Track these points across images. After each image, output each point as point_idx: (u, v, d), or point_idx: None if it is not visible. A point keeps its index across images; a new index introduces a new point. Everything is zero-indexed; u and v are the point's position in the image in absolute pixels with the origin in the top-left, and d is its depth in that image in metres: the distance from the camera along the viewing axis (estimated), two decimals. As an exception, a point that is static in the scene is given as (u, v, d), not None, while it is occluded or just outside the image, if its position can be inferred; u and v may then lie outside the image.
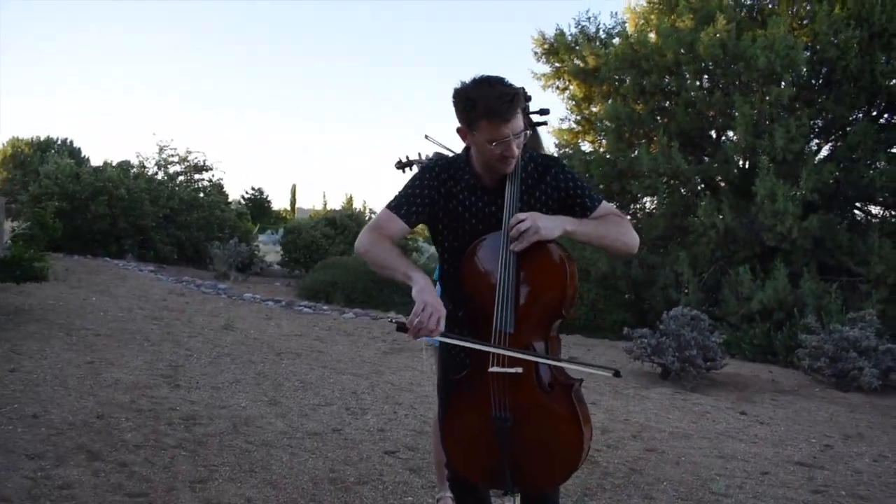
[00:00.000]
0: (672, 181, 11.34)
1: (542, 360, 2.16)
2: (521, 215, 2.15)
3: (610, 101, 12.11)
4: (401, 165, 3.21)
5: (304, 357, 6.89)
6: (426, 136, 2.39)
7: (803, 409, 6.57)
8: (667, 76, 11.14)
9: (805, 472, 4.48)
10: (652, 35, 11.92)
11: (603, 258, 11.15)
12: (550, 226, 2.16)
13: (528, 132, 2.37)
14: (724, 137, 11.54)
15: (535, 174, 2.32)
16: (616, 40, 12.75)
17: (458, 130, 2.23)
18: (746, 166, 11.06)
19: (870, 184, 10.06)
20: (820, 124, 11.04)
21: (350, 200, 31.28)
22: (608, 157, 12.04)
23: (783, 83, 9.67)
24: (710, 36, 10.05)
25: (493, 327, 2.17)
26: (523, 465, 2.19)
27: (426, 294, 2.07)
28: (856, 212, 11.44)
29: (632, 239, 2.33)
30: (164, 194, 15.18)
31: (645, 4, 13.22)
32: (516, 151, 2.15)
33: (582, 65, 13.02)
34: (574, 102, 14.02)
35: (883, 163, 10.16)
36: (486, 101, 2.08)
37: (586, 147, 13.60)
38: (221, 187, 18.47)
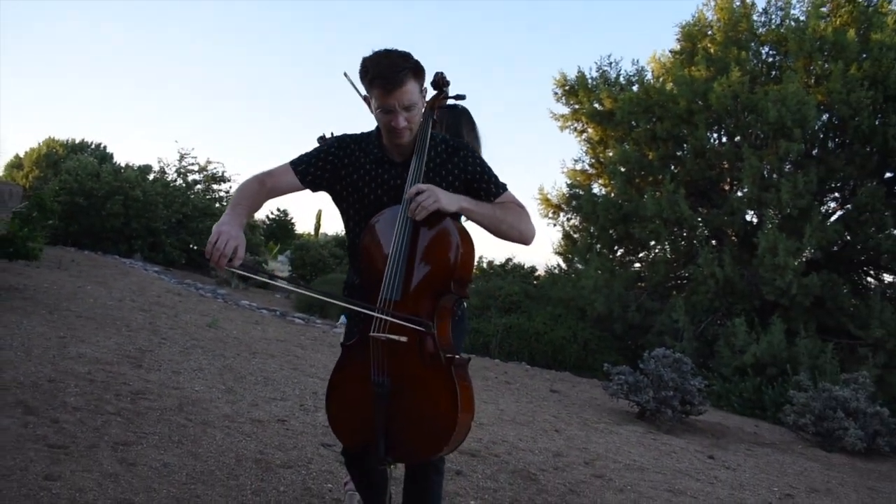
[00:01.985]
0: (676, 229, 11.30)
1: (419, 328, 2.17)
2: (423, 186, 2.20)
3: (622, 146, 12.18)
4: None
5: (277, 359, 6.91)
6: (345, 74, 2.43)
7: (776, 461, 6.41)
8: (679, 124, 11.18)
9: (753, 513, 4.37)
10: (670, 84, 12.01)
11: (600, 299, 11.10)
12: (448, 200, 2.20)
13: (433, 115, 2.43)
14: (734, 189, 11.51)
15: (445, 154, 2.37)
16: (635, 87, 12.86)
17: (364, 98, 2.30)
18: (755, 220, 11.01)
19: (876, 247, 9.94)
20: (832, 184, 10.97)
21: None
22: (616, 200, 12.05)
23: (794, 139, 9.62)
24: (724, 87, 10.10)
25: (380, 294, 2.20)
26: (396, 434, 2.20)
27: (222, 225, 2.09)
28: (863, 275, 11.29)
29: (528, 229, 2.37)
30: (178, 199, 15.46)
31: (669, 55, 13.38)
32: (402, 123, 2.21)
33: (599, 107, 13.14)
34: (589, 145, 14.13)
35: (892, 228, 10.03)
36: (376, 69, 2.17)
37: (598, 190, 13.65)
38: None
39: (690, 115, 10.97)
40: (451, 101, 2.53)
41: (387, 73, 2.15)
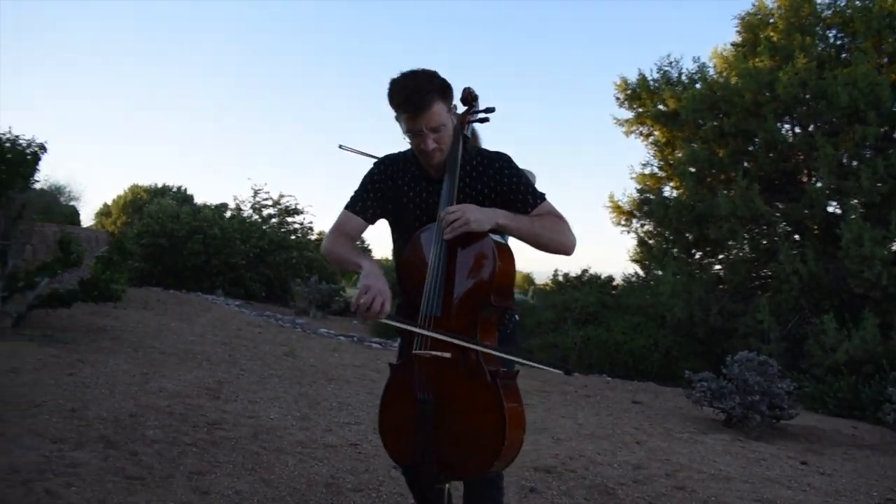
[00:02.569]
0: (753, 226, 10.91)
1: (464, 343, 2.15)
2: (453, 207, 2.19)
3: (690, 146, 11.89)
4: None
5: (353, 384, 6.99)
6: (340, 146, 2.45)
7: (877, 464, 6.04)
8: (747, 118, 10.82)
9: (849, 521, 4.12)
10: (734, 78, 11.66)
11: (679, 304, 10.80)
12: (482, 218, 2.18)
13: (465, 130, 2.40)
14: (812, 180, 11.04)
15: (480, 167, 2.36)
16: (699, 85, 12.54)
17: (396, 118, 2.32)
18: (838, 211, 10.52)
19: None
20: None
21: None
22: (688, 202, 11.74)
23: (869, 122, 9.17)
24: (790, 75, 9.74)
25: (420, 311, 2.20)
26: (444, 452, 2.18)
27: (370, 278, 2.14)
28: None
29: (568, 239, 2.33)
30: (255, 234, 15.95)
31: (730, 48, 13.02)
32: (431, 145, 2.22)
33: (663, 108, 12.88)
34: (657, 148, 13.85)
35: None
36: (399, 94, 2.19)
37: (670, 193, 13.35)
38: (320, 233, 19.18)
39: (758, 108, 10.61)
40: (480, 115, 2.50)
41: (412, 97, 2.17)
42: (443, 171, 2.32)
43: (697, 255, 13.05)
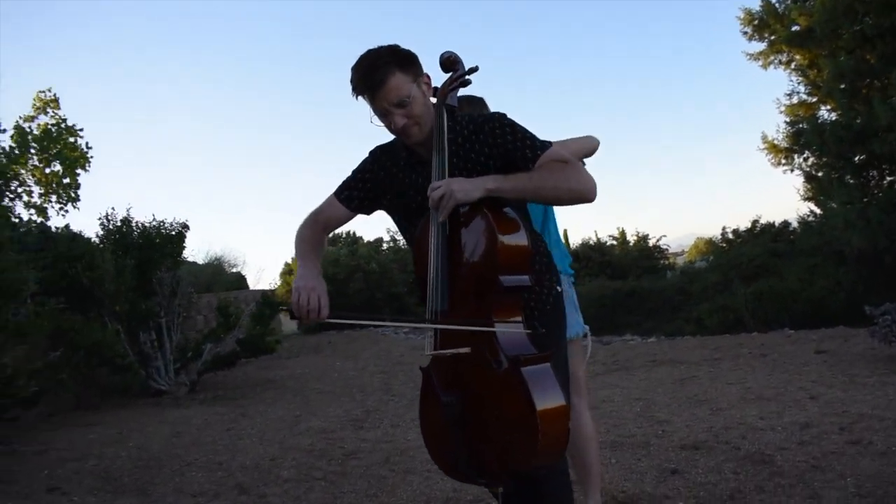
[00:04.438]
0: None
1: (454, 327, 1.99)
2: (436, 183, 2.02)
3: (835, 59, 10.67)
4: None
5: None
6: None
7: None
8: (890, 13, 9.53)
9: None
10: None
11: (856, 234, 9.67)
12: (468, 188, 1.99)
13: (447, 99, 2.23)
14: None
15: (473, 135, 2.17)
16: (832, -7, 11.27)
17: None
18: None
19: None
20: None
21: (622, 234, 27.31)
22: (844, 121, 10.52)
23: None
24: (928, -49, 8.47)
25: (427, 306, 2.05)
26: (478, 453, 2.00)
27: (300, 280, 2.02)
28: None
29: (578, 184, 2.04)
30: (411, 261, 16.40)
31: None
32: (401, 122, 2.06)
33: (797, 29, 11.73)
34: (800, 73, 12.62)
35: None
36: (355, 75, 2.06)
37: (825, 116, 12.07)
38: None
39: (900, -2, 9.33)
40: (463, 79, 2.29)
41: (366, 75, 2.03)
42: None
43: (874, 178, 11.65)
